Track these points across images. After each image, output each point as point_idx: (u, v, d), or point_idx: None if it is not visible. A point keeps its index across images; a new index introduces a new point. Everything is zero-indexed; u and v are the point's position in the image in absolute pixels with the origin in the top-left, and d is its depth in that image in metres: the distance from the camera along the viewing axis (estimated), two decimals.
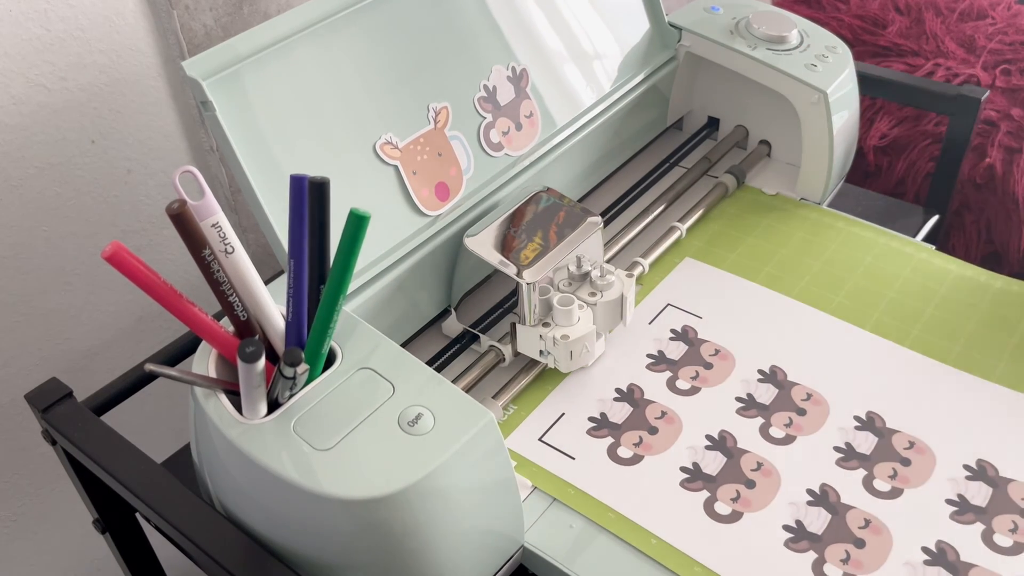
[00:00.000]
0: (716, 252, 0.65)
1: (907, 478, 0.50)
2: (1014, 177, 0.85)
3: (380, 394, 0.43)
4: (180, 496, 0.45)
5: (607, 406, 0.54)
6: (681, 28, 0.71)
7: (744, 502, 0.49)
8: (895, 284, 0.62)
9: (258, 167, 0.49)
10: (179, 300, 0.41)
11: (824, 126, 0.67)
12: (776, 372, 0.56)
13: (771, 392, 0.55)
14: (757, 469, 0.50)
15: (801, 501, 0.49)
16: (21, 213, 0.60)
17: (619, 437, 0.52)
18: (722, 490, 0.49)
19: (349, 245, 0.41)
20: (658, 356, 0.58)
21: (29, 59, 0.57)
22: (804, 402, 0.54)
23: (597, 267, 0.56)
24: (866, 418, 0.53)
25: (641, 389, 0.55)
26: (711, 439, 0.52)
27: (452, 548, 0.42)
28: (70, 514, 0.71)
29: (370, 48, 0.54)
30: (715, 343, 0.58)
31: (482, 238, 0.55)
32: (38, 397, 0.50)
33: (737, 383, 0.55)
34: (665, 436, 0.52)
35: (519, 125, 0.60)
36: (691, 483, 0.50)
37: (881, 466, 0.50)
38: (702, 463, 0.51)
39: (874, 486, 0.49)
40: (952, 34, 0.96)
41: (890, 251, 0.65)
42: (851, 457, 0.51)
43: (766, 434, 0.52)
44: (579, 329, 0.53)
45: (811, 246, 0.66)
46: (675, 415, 0.54)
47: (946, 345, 0.57)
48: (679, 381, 0.56)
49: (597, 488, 0.50)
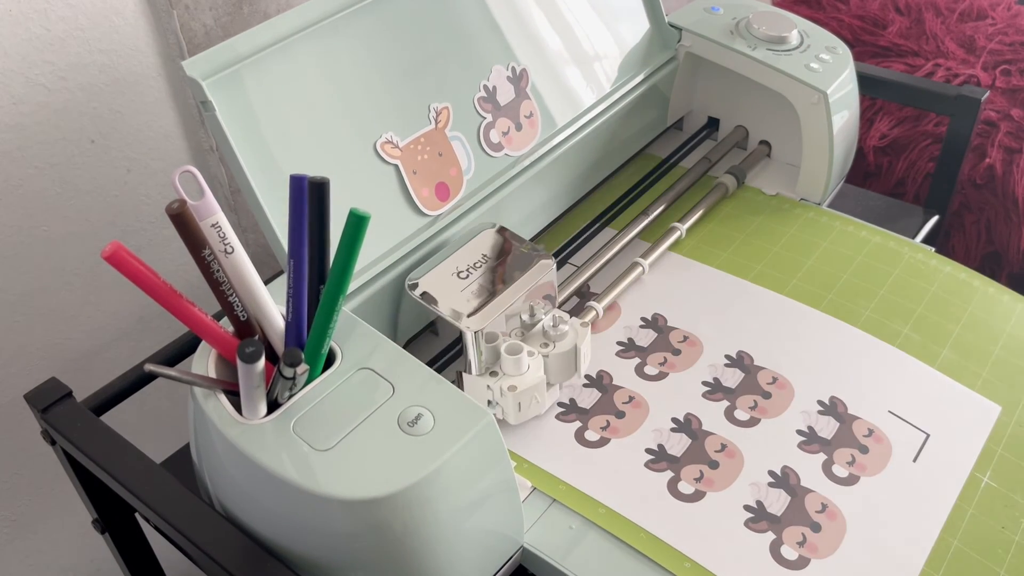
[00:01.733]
0: (714, 252, 0.65)
1: (765, 409, 0.52)
2: (1014, 177, 0.85)
3: (380, 394, 0.43)
4: (180, 496, 0.45)
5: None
6: (681, 28, 0.71)
7: (612, 430, 0.51)
8: (887, 282, 0.62)
9: (258, 167, 0.49)
10: (179, 300, 0.41)
11: (824, 126, 0.67)
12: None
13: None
14: (628, 402, 0.53)
15: (665, 428, 0.51)
16: (21, 213, 0.60)
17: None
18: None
19: (349, 245, 0.41)
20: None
21: (29, 59, 0.57)
22: (680, 343, 0.57)
23: (550, 316, 0.53)
24: (736, 356, 0.55)
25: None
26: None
27: (452, 548, 0.42)
28: (70, 514, 0.71)
29: (370, 48, 0.54)
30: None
31: (426, 281, 0.52)
32: (38, 397, 0.50)
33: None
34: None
35: (519, 125, 0.60)
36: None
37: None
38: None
39: (735, 416, 0.51)
40: (952, 34, 0.96)
41: (887, 252, 0.65)
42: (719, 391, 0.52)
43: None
44: (528, 379, 0.51)
45: (811, 246, 0.66)
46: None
47: (935, 349, 0.58)
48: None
49: (572, 476, 0.50)
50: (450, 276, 0.52)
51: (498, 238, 0.55)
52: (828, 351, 0.57)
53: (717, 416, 0.53)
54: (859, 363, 0.56)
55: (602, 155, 0.68)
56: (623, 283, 0.61)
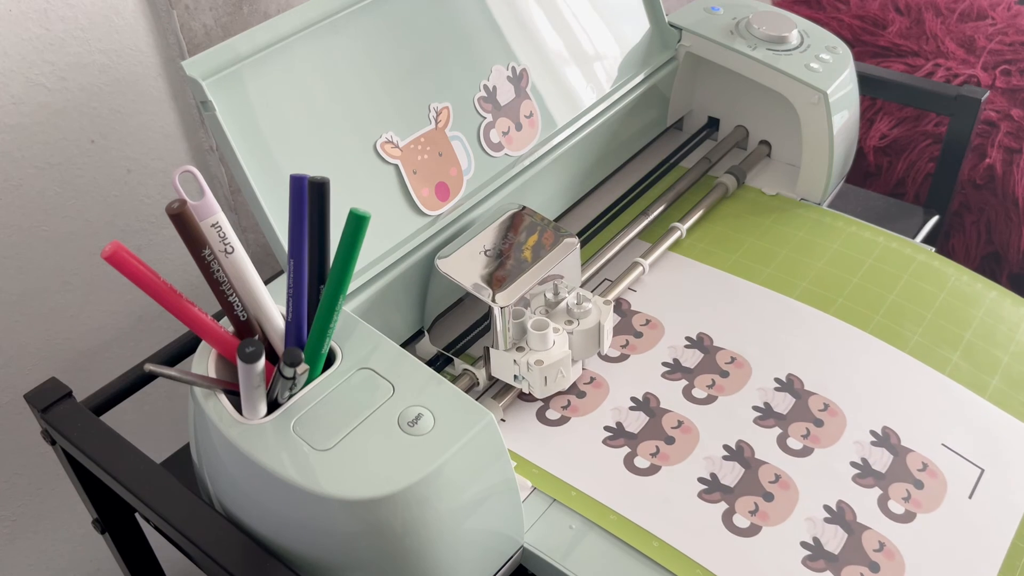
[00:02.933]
0: (716, 253, 0.65)
1: (818, 438, 0.51)
2: (1014, 177, 0.85)
3: (380, 394, 0.43)
4: (180, 496, 0.45)
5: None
6: (681, 28, 0.71)
7: (663, 456, 0.51)
8: (895, 286, 0.62)
9: (258, 167, 0.49)
10: (179, 300, 0.41)
11: (824, 126, 0.67)
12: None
13: (697, 357, 0.56)
14: (677, 427, 0.52)
15: (717, 456, 0.50)
16: (21, 213, 0.60)
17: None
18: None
19: (349, 245, 0.41)
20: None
21: (29, 59, 0.57)
22: (727, 364, 0.55)
23: (574, 294, 0.54)
24: (786, 380, 0.54)
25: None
26: (636, 401, 0.53)
27: (452, 548, 0.42)
28: (70, 514, 0.71)
29: (370, 48, 0.54)
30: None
31: (454, 260, 0.54)
32: (37, 397, 0.50)
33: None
34: (592, 400, 0.54)
35: (519, 125, 0.60)
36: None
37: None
38: (625, 423, 0.52)
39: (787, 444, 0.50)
40: (952, 34, 0.96)
41: (889, 252, 0.65)
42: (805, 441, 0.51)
43: (688, 395, 0.53)
44: (554, 354, 0.52)
45: (811, 247, 0.66)
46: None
47: (945, 354, 0.57)
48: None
49: (601, 491, 0.49)
50: (477, 254, 0.54)
51: (523, 218, 0.57)
52: (878, 377, 0.55)
53: (770, 444, 0.52)
54: (911, 392, 0.55)
55: (602, 155, 0.68)
56: (623, 283, 0.61)
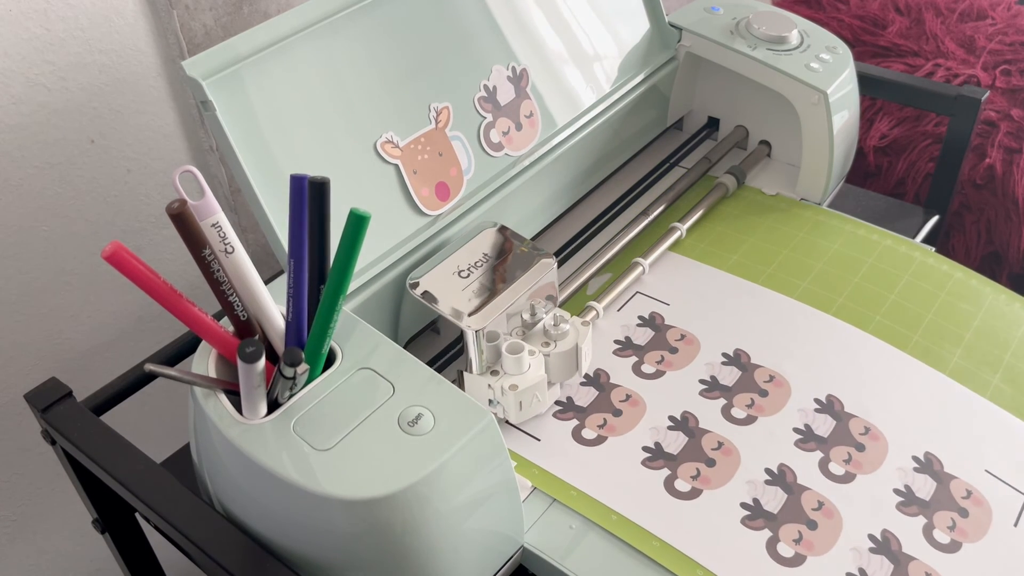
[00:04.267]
0: (716, 253, 0.65)
1: (860, 463, 0.50)
2: (1014, 177, 0.85)
3: (380, 394, 0.43)
4: (180, 496, 0.45)
5: (573, 390, 0.55)
6: (681, 28, 0.71)
7: (704, 480, 0.49)
8: (895, 286, 0.62)
9: (258, 167, 0.49)
10: (179, 300, 0.41)
11: (824, 126, 0.67)
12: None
13: (735, 375, 0.55)
14: (718, 448, 0.51)
15: (759, 480, 0.49)
16: (21, 213, 0.60)
17: (584, 419, 0.53)
18: (682, 468, 0.50)
19: (349, 245, 0.41)
20: (625, 342, 0.58)
21: (29, 59, 0.57)
22: (766, 383, 0.54)
23: (551, 315, 0.54)
24: (826, 401, 0.53)
25: (607, 373, 0.56)
26: (674, 420, 0.53)
27: (452, 548, 0.42)
28: (70, 514, 0.71)
29: (370, 48, 0.54)
30: (681, 328, 0.59)
31: (428, 280, 0.52)
32: (38, 397, 0.50)
33: (701, 366, 0.56)
34: (630, 418, 0.53)
35: (519, 125, 0.60)
36: (652, 462, 0.50)
37: (837, 450, 0.51)
38: (664, 443, 0.51)
39: (829, 469, 0.50)
40: (952, 34, 0.96)
41: (889, 252, 0.65)
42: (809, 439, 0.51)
43: (728, 415, 0.53)
44: (529, 378, 0.51)
45: (811, 247, 0.65)
46: (639, 398, 0.54)
47: (986, 377, 0.56)
48: (644, 365, 0.56)
49: (641, 514, 0.49)
50: (451, 275, 0.52)
51: (499, 237, 0.55)
52: (920, 400, 0.54)
53: (812, 468, 0.51)
54: (952, 415, 0.54)
55: (602, 155, 0.68)
56: (623, 283, 0.61)
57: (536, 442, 0.52)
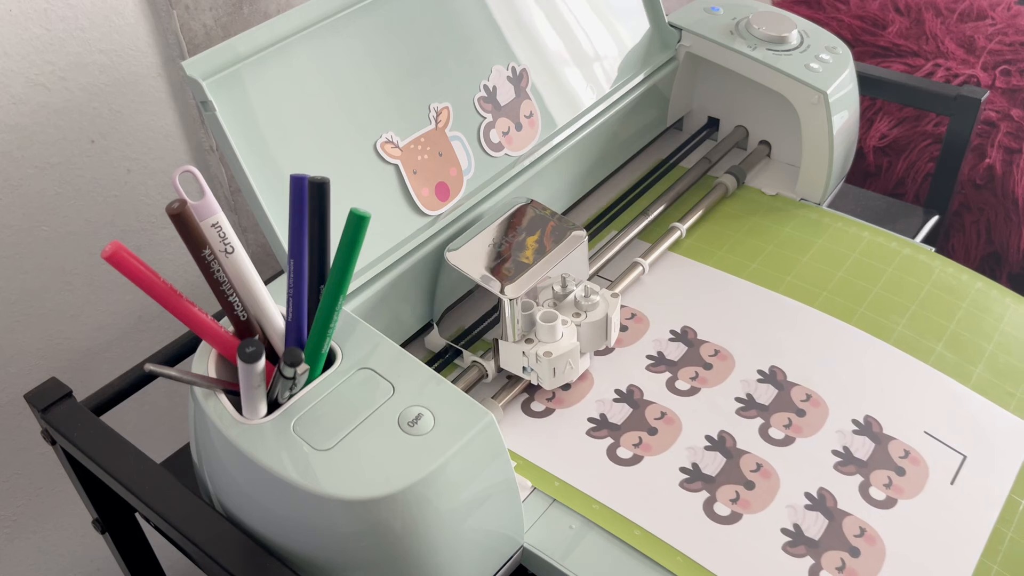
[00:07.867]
0: (716, 252, 0.65)
1: (800, 427, 0.51)
2: (1014, 177, 0.85)
3: (380, 394, 0.43)
4: (180, 496, 0.45)
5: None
6: (681, 28, 0.71)
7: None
8: (879, 279, 0.62)
9: (258, 167, 0.49)
10: (179, 300, 0.41)
11: (824, 126, 0.67)
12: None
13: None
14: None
15: (699, 446, 0.50)
16: (21, 213, 0.60)
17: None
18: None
19: (349, 245, 0.41)
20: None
21: (29, 59, 0.57)
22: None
23: (581, 286, 0.55)
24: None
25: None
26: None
27: (452, 548, 0.42)
28: (70, 514, 0.71)
29: (370, 48, 0.54)
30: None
31: (464, 252, 0.54)
32: (38, 397, 0.50)
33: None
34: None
35: (519, 125, 0.60)
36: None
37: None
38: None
39: (769, 434, 0.51)
40: (952, 34, 0.96)
41: (887, 252, 0.65)
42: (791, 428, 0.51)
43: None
44: (562, 346, 0.53)
45: (811, 247, 0.66)
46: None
47: (969, 368, 0.57)
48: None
49: (583, 481, 0.49)
50: (486, 247, 0.55)
51: (531, 211, 0.57)
52: (862, 368, 0.56)
53: (752, 434, 0.52)
54: (892, 381, 0.55)
55: (602, 155, 0.68)
56: (623, 283, 0.61)
57: (568, 460, 0.51)
